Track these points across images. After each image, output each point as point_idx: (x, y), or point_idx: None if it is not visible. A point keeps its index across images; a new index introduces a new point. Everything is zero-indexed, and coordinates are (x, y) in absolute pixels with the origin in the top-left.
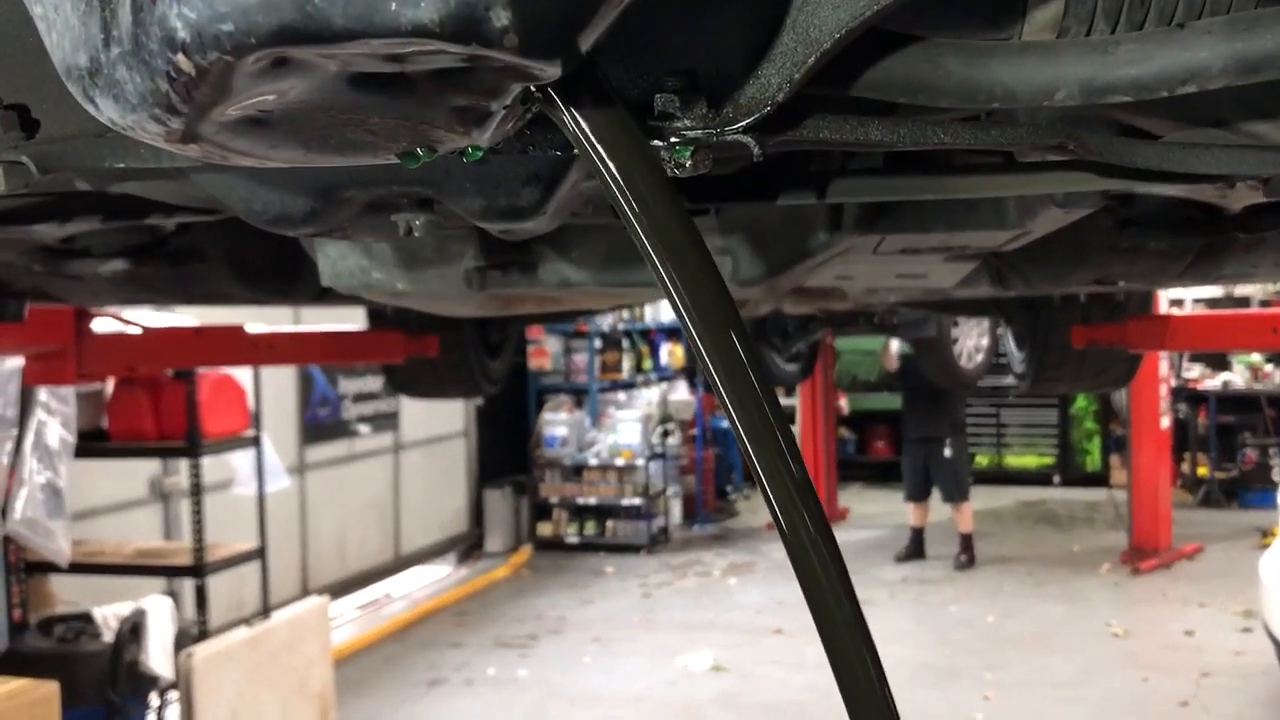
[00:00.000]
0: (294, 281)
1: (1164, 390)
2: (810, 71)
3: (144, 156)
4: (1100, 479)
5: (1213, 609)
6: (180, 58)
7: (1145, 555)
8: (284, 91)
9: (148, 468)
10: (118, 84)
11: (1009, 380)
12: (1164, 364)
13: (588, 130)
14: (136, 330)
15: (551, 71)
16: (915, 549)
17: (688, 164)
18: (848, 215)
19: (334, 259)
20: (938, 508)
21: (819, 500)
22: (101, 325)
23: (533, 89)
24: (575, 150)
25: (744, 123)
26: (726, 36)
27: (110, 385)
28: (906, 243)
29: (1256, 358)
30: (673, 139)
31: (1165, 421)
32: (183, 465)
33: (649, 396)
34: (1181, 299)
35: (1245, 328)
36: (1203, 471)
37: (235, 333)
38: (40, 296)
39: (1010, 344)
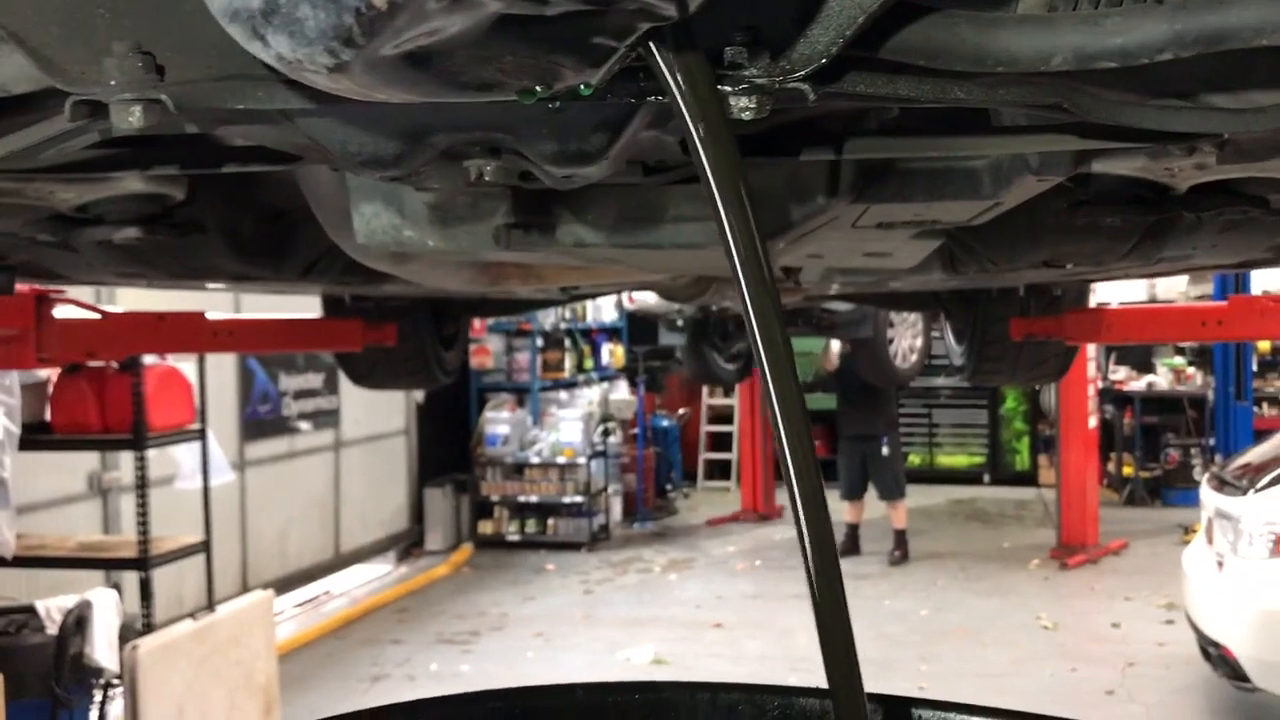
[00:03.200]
0: (283, 258)
1: (1091, 391)
2: (859, 30)
3: (260, 99)
4: (1029, 478)
5: (1138, 602)
6: None
7: (1073, 551)
8: (445, 29)
9: (87, 463)
10: (297, 21)
11: (940, 380)
12: (1091, 366)
13: (677, 72)
14: (96, 316)
15: (669, 13)
16: (850, 545)
17: (753, 107)
18: (844, 181)
19: (368, 217)
20: (871, 505)
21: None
22: (62, 312)
23: (643, 32)
24: (650, 97)
25: (802, 73)
26: (782, 3)
27: (54, 377)
28: (884, 214)
29: (1179, 360)
30: (741, 85)
31: (1093, 421)
32: (123, 461)
33: (590, 396)
34: (1108, 301)
35: (1176, 321)
36: (1128, 470)
37: (196, 319)
38: (29, 271)
39: (949, 338)
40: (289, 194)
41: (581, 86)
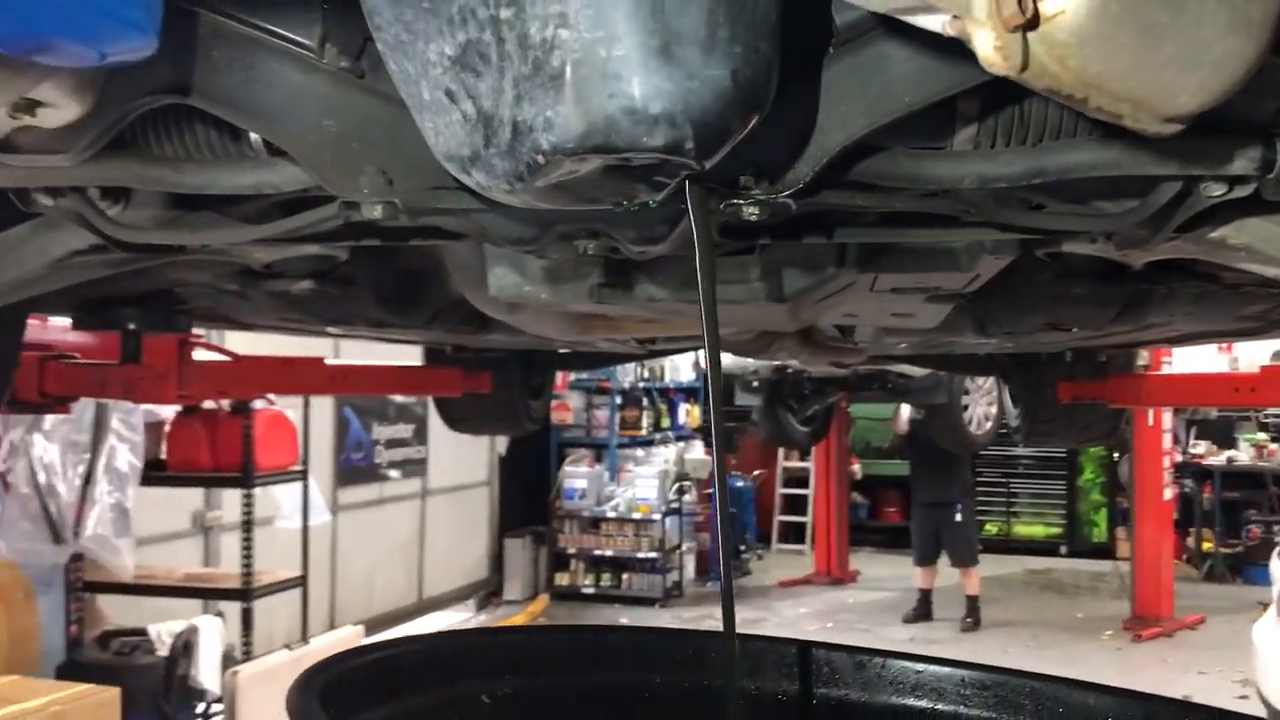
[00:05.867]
0: (414, 308)
1: (1167, 464)
2: (825, 166)
3: (455, 203)
4: (1106, 550)
5: (1212, 676)
6: (539, 155)
7: (1147, 624)
8: (575, 172)
9: (193, 502)
10: (491, 165)
11: (1019, 450)
12: (1167, 439)
13: (693, 200)
14: (229, 359)
15: (695, 168)
16: (923, 611)
17: (756, 212)
18: (849, 255)
19: (499, 276)
20: (945, 572)
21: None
22: (200, 354)
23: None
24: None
25: (789, 192)
26: (778, 149)
27: (170, 418)
28: (893, 282)
29: (1262, 436)
30: (748, 200)
31: (1168, 494)
32: (225, 501)
33: (666, 454)
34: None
35: (1212, 386)
36: (1208, 546)
37: (316, 364)
38: (203, 315)
39: (1006, 400)
40: (422, 256)
41: (650, 202)
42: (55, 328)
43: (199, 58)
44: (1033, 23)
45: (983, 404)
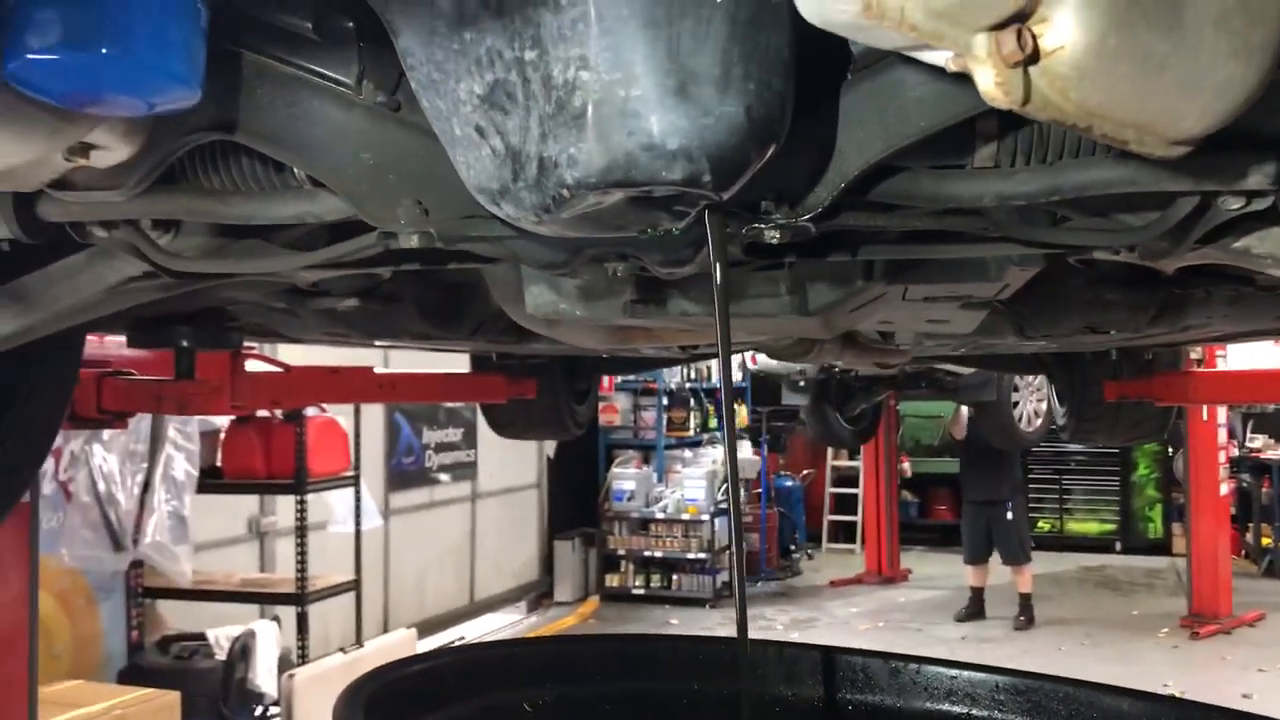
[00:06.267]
0: (457, 321)
1: (1223, 458)
2: (843, 190)
3: (487, 231)
4: (1162, 547)
5: (1272, 674)
6: (564, 190)
7: (1204, 621)
8: (600, 204)
9: (248, 508)
10: (520, 198)
11: (1071, 446)
12: (1222, 433)
13: (712, 225)
14: (280, 370)
15: (714, 198)
16: (975, 609)
17: (777, 235)
18: (876, 269)
19: (535, 294)
20: (996, 570)
21: None
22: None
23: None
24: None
25: (808, 216)
26: (797, 174)
27: (225, 426)
28: (925, 291)
29: None
30: (769, 223)
31: (1225, 489)
32: (279, 507)
33: (714, 454)
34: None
35: (1256, 383)
36: (1266, 541)
37: (364, 373)
38: (253, 331)
39: (1053, 399)
40: (464, 272)
41: (674, 229)
42: (112, 344)
43: (243, 97)
44: (1033, 58)
45: (1032, 400)
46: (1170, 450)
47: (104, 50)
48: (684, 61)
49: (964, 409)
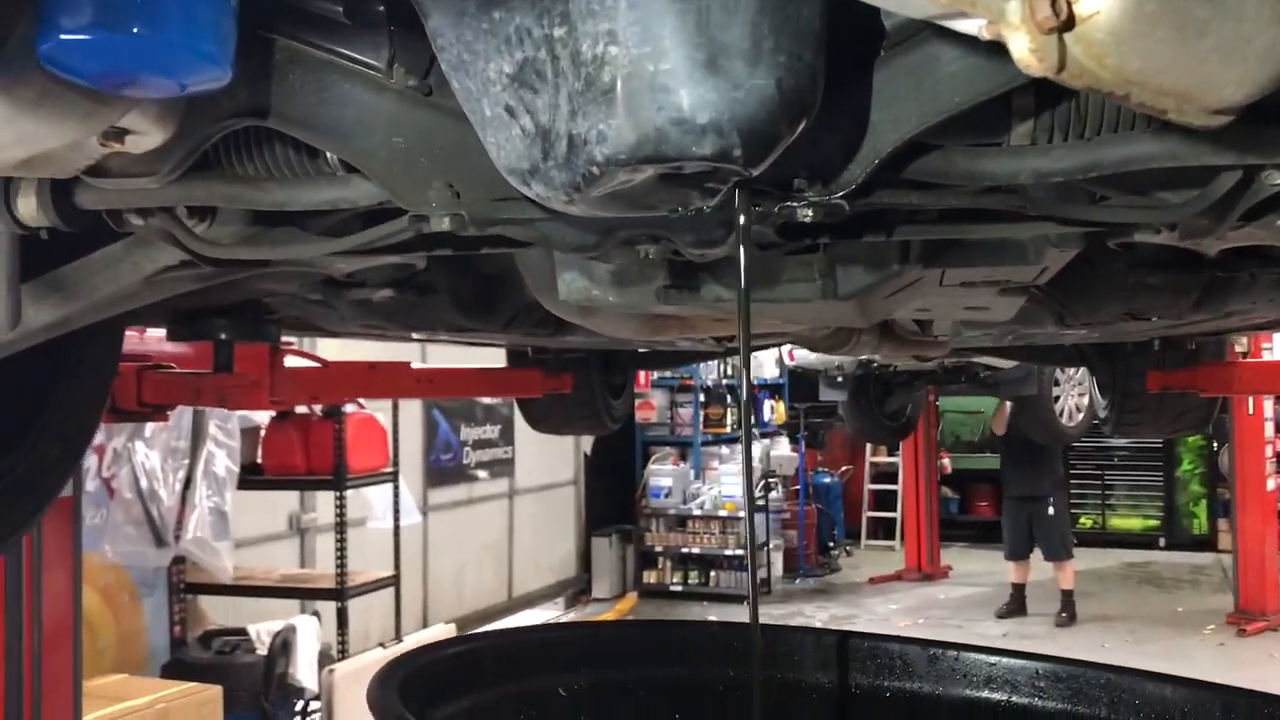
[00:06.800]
0: (492, 313)
1: (1270, 453)
2: (876, 167)
3: (518, 213)
4: (1208, 543)
5: None
6: (594, 167)
7: (1252, 618)
8: (629, 182)
9: (288, 504)
10: (550, 177)
11: (1114, 441)
12: (1269, 427)
13: (740, 203)
14: (317, 365)
15: (745, 174)
16: (1017, 605)
17: (810, 213)
18: (913, 252)
19: (568, 281)
20: (1037, 566)
21: None
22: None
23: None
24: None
25: (841, 194)
26: (830, 151)
27: (265, 423)
28: (962, 276)
29: None
30: (802, 201)
31: (1271, 484)
32: (319, 503)
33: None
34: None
35: None
36: None
37: (402, 368)
38: (290, 324)
39: (1094, 391)
40: (498, 263)
41: (704, 207)
42: (151, 339)
43: (275, 82)
44: (1068, 24)
45: (1074, 395)
46: (1215, 445)
47: (135, 30)
48: (713, 34)
49: (1006, 404)
